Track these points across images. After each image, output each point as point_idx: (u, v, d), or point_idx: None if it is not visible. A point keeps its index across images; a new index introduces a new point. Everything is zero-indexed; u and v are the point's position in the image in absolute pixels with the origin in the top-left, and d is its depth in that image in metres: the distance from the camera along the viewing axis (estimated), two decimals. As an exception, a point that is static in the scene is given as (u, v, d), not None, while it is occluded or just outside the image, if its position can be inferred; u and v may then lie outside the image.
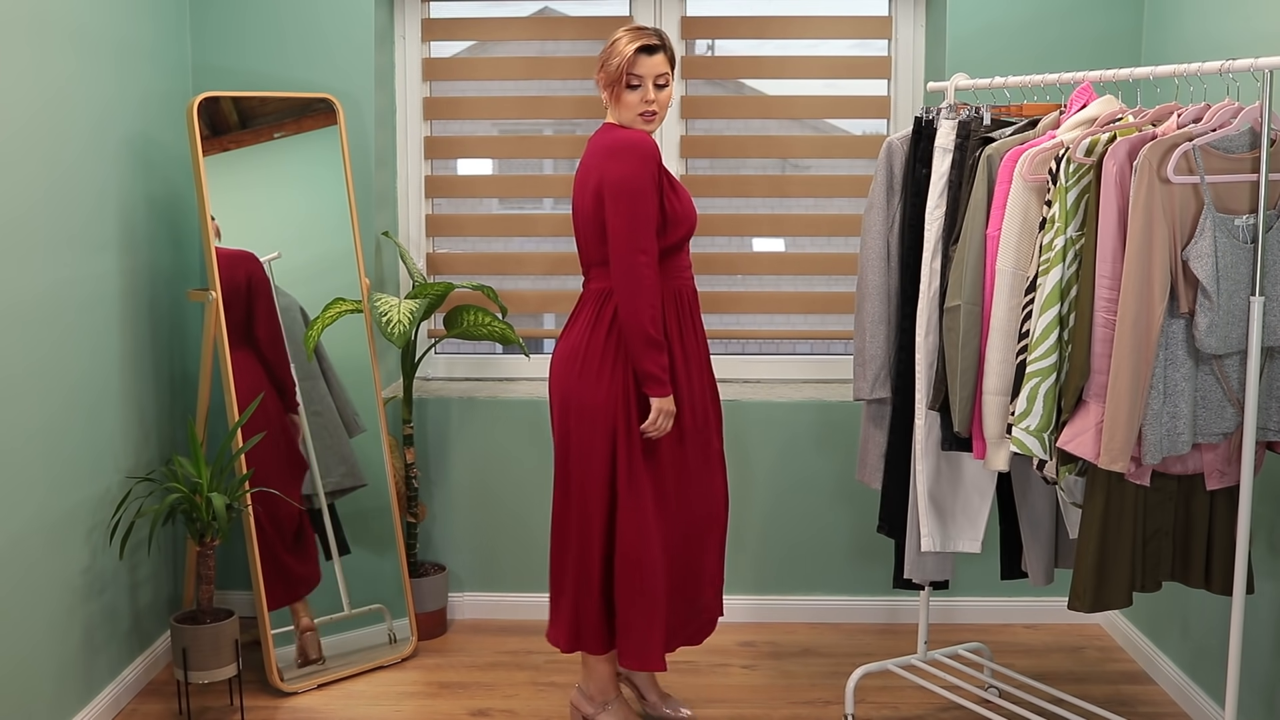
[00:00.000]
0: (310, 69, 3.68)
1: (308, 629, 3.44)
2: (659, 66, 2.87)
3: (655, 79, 2.87)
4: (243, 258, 3.41)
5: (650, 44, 2.85)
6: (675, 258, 2.97)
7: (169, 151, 3.53)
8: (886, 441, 3.06)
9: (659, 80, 2.87)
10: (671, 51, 2.92)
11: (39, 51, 2.85)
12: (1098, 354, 2.42)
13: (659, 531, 2.94)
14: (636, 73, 2.85)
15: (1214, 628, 3.11)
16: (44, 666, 2.91)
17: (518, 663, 3.58)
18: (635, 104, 2.87)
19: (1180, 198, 2.37)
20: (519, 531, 3.87)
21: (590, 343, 2.93)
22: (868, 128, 4.04)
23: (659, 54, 2.87)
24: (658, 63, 2.86)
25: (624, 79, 2.86)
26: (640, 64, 2.85)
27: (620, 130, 2.90)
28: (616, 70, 2.85)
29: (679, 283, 3.00)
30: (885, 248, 3.01)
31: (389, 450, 3.61)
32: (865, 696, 3.34)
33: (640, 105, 2.87)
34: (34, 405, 2.85)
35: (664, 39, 2.90)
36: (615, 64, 2.85)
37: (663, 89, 2.89)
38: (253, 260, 3.44)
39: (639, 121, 2.90)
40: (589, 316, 2.95)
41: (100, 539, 3.14)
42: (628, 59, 2.84)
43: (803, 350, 4.22)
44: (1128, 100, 2.83)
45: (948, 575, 3.07)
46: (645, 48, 2.85)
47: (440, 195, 4.01)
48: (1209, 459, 2.49)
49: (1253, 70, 2.33)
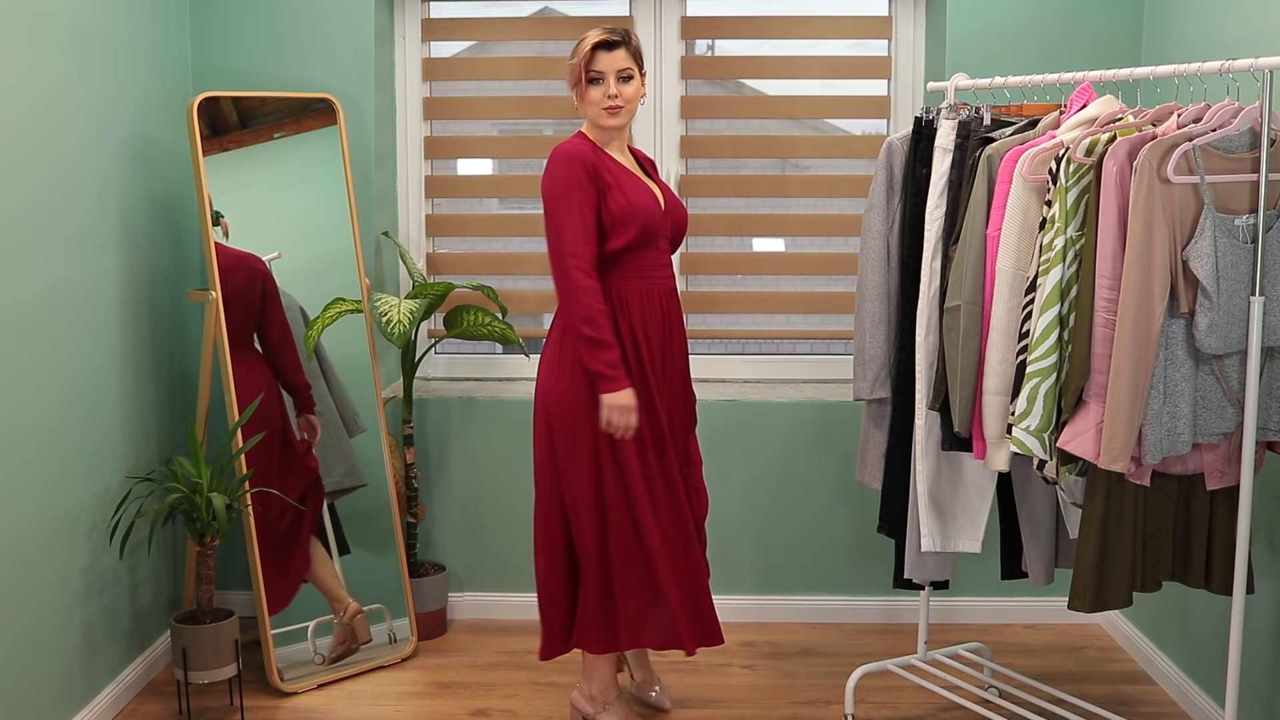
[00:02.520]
0: (310, 69, 3.68)
1: (356, 612, 3.50)
2: (620, 61, 2.90)
3: (618, 73, 2.90)
4: (255, 259, 3.43)
5: (609, 39, 2.90)
6: (642, 256, 2.96)
7: (169, 151, 3.53)
8: (886, 441, 3.06)
9: (623, 73, 2.91)
10: (636, 47, 2.95)
11: (39, 51, 2.85)
12: (1098, 354, 2.43)
13: (654, 522, 2.95)
14: (597, 68, 2.90)
15: (1214, 628, 3.11)
16: (44, 667, 2.91)
17: (518, 663, 3.58)
18: (598, 99, 2.91)
19: (1180, 198, 2.37)
20: (519, 531, 3.87)
21: (563, 346, 2.95)
22: (868, 128, 4.04)
23: (619, 49, 2.90)
24: (618, 58, 2.90)
25: (585, 75, 2.91)
26: (599, 59, 2.90)
27: (559, 145, 2.95)
28: (577, 67, 2.91)
29: (649, 282, 2.98)
30: (885, 248, 3.01)
31: (389, 450, 3.61)
32: (865, 696, 3.34)
33: (603, 100, 2.91)
34: (34, 405, 2.85)
35: (627, 35, 2.94)
36: (575, 61, 2.92)
37: (628, 82, 2.92)
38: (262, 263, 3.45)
39: (604, 116, 2.92)
40: (560, 322, 2.99)
41: (100, 539, 3.14)
42: (586, 55, 2.90)
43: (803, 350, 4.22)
44: (1128, 100, 2.83)
45: (948, 575, 3.07)
46: (604, 43, 2.90)
47: (440, 195, 4.01)
48: (1209, 459, 2.49)
49: (1253, 70, 2.33)
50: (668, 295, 3.03)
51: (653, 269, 3.00)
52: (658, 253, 3.00)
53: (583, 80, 2.92)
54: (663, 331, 3.01)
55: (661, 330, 3.01)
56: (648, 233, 2.95)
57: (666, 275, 3.03)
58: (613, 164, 2.96)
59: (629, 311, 2.96)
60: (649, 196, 2.98)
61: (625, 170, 2.97)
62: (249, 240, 3.44)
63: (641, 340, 2.97)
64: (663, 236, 3.00)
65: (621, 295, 2.95)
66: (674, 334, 3.05)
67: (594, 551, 2.98)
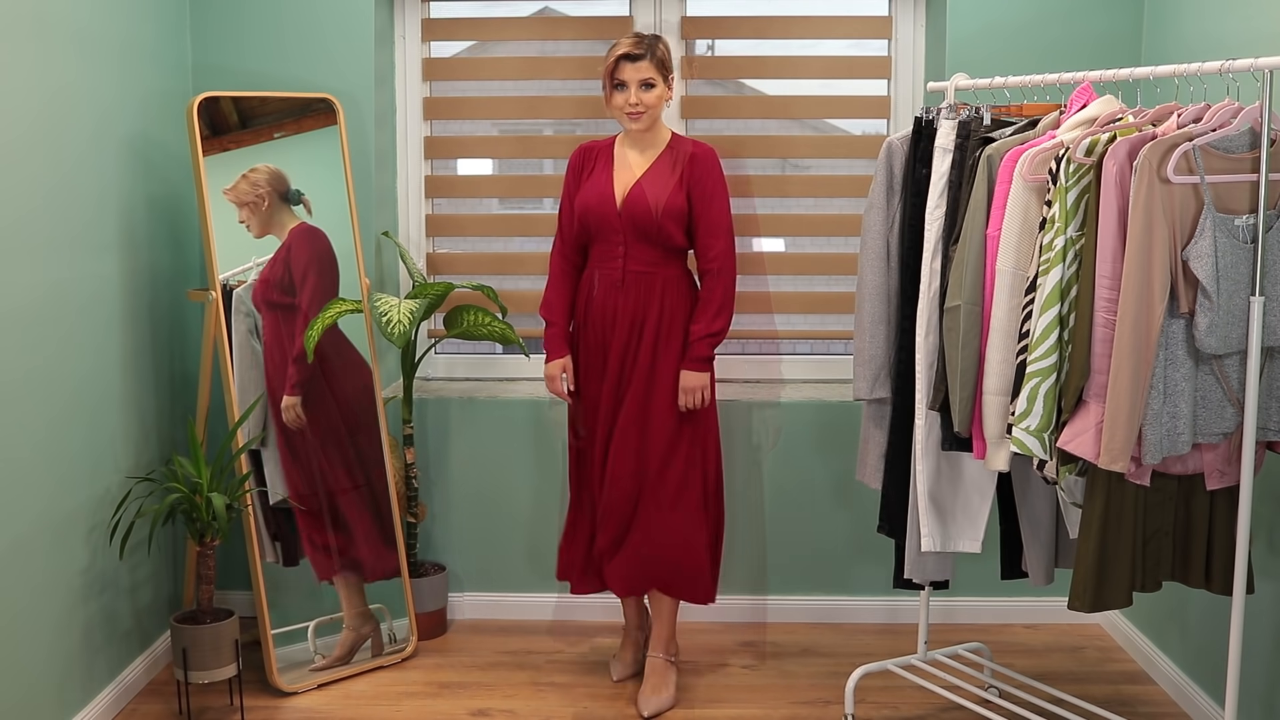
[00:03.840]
0: (310, 69, 3.68)
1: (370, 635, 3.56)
2: (643, 72, 3.18)
3: (640, 82, 3.19)
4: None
5: (632, 53, 3.17)
6: (597, 247, 3.30)
7: (169, 151, 3.53)
8: (886, 441, 3.06)
9: (646, 81, 3.19)
10: (660, 56, 3.22)
11: (40, 52, 2.85)
12: (1098, 354, 2.42)
13: (577, 478, 3.44)
14: (620, 77, 3.20)
15: (1214, 628, 3.11)
16: (44, 666, 2.91)
17: (518, 663, 3.58)
18: (620, 105, 3.22)
19: (1180, 198, 2.37)
20: (519, 531, 3.87)
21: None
22: (868, 128, 4.03)
23: (643, 61, 3.18)
24: (641, 69, 3.18)
25: (610, 81, 3.21)
26: (624, 70, 3.19)
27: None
28: (605, 75, 3.22)
29: (606, 270, 3.29)
30: (885, 248, 3.01)
31: (389, 450, 3.61)
32: (865, 696, 3.34)
33: (625, 106, 3.21)
34: (35, 405, 2.85)
35: (652, 47, 3.20)
36: (604, 69, 3.22)
37: (649, 90, 3.20)
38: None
39: (625, 120, 3.24)
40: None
41: (100, 539, 3.14)
42: (610, 66, 3.20)
43: (803, 350, 4.21)
44: (1128, 100, 2.83)
45: (948, 575, 3.07)
46: (628, 55, 3.18)
47: (440, 195, 4.01)
48: (1209, 459, 2.49)
49: (1253, 70, 2.33)
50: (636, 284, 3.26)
51: (608, 259, 3.29)
52: (610, 245, 3.28)
53: (610, 85, 3.22)
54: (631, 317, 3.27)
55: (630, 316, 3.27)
56: (590, 226, 3.29)
57: (615, 267, 3.28)
58: (608, 160, 3.31)
59: (591, 294, 3.32)
60: (601, 193, 3.27)
61: (609, 166, 3.30)
62: (249, 240, 3.43)
63: (596, 320, 3.31)
64: (612, 230, 3.26)
65: (589, 280, 3.33)
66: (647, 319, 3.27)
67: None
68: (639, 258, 3.26)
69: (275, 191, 3.45)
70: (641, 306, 3.26)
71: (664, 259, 3.27)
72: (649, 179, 3.24)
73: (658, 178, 3.24)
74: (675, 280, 3.29)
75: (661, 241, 3.24)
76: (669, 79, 3.25)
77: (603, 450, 3.32)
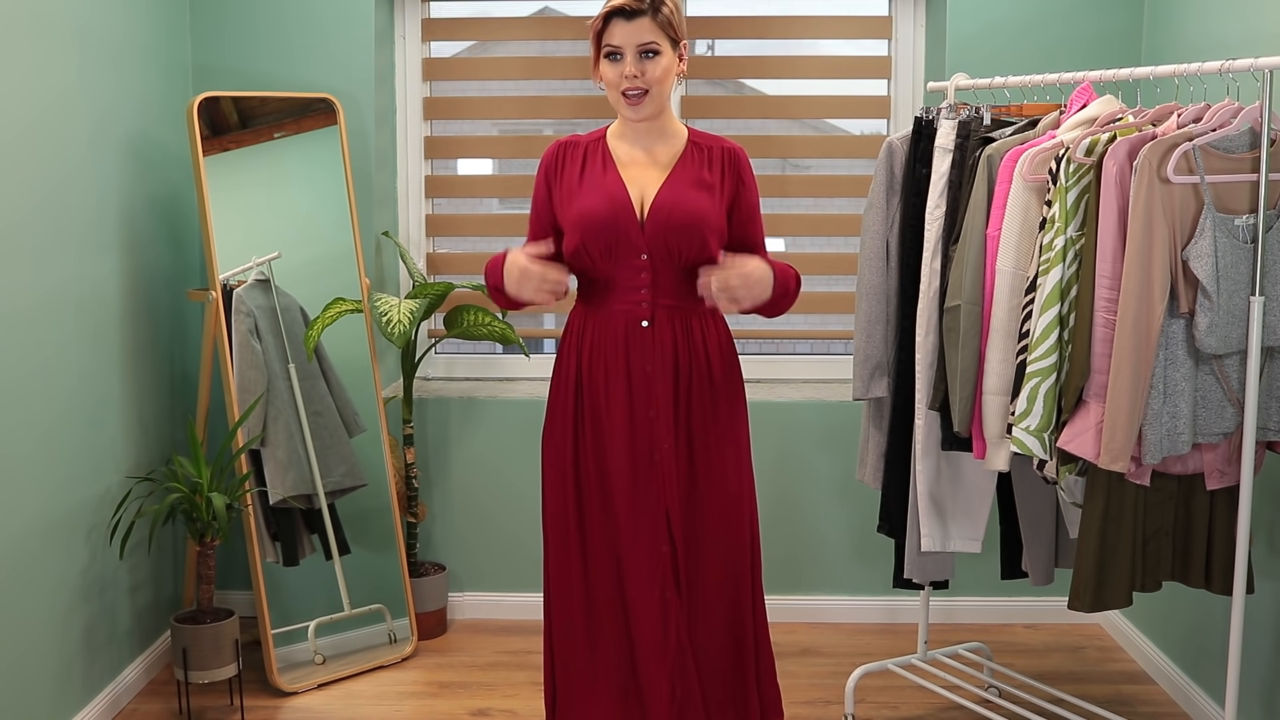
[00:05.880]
0: (310, 69, 3.68)
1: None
2: (642, 34, 2.31)
3: (639, 48, 2.32)
4: None
5: (627, 6, 2.31)
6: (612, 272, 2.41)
7: (169, 151, 3.53)
8: (886, 441, 3.06)
9: (648, 48, 2.32)
10: (666, 15, 2.34)
11: (40, 53, 2.85)
12: (1098, 354, 2.43)
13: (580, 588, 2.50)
14: (613, 43, 2.33)
15: (1214, 628, 3.11)
16: (44, 666, 2.91)
17: (518, 663, 3.58)
18: (615, 81, 2.35)
19: (1180, 198, 2.37)
20: (519, 531, 3.87)
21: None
22: (868, 128, 4.04)
23: (642, 18, 2.31)
24: (640, 28, 2.31)
25: (599, 50, 2.37)
26: (615, 30, 2.32)
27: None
28: (592, 37, 2.37)
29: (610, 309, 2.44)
30: (885, 248, 3.00)
31: (389, 450, 3.61)
32: (865, 696, 3.34)
33: (620, 82, 2.34)
34: (35, 405, 2.85)
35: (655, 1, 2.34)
36: (590, 36, 2.38)
37: (652, 58, 2.33)
38: None
39: (622, 104, 2.37)
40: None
41: (100, 539, 3.14)
42: (599, 26, 2.35)
43: (803, 350, 4.22)
44: (1128, 100, 2.83)
45: (948, 575, 3.07)
46: (620, 10, 2.31)
47: (440, 195, 4.01)
48: (1209, 459, 2.49)
49: (1253, 70, 2.33)
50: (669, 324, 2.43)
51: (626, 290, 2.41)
52: (628, 270, 2.40)
53: (598, 56, 2.37)
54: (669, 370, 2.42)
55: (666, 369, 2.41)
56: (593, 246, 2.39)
57: (638, 300, 2.41)
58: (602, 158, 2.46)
59: (597, 342, 2.43)
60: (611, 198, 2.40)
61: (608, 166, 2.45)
62: (249, 240, 3.44)
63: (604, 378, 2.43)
64: (632, 250, 2.39)
65: (581, 323, 2.47)
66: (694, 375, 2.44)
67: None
68: (669, 289, 2.41)
69: None
70: (685, 355, 2.43)
71: (692, 292, 2.41)
72: (678, 182, 2.43)
73: (691, 182, 2.44)
74: (717, 322, 2.50)
75: (693, 266, 2.40)
76: (680, 47, 2.39)
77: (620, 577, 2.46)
